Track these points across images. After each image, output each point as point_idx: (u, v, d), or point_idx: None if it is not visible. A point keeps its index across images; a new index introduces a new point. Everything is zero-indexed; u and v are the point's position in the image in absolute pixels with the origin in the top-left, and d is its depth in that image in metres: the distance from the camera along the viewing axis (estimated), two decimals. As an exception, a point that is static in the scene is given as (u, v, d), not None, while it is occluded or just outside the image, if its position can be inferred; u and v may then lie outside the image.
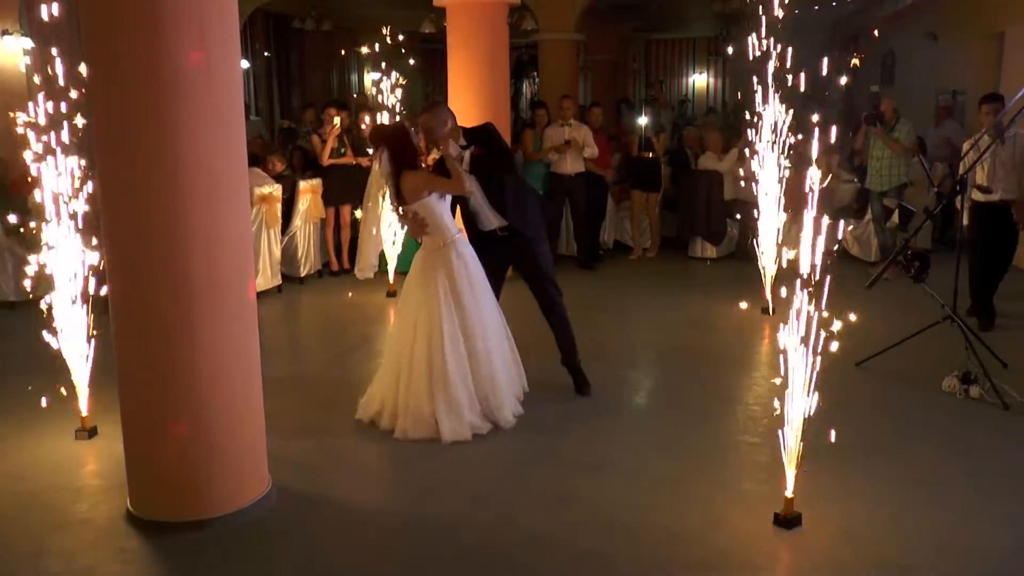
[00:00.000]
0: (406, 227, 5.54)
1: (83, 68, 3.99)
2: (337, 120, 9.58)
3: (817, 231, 3.74)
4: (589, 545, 3.87)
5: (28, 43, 10.11)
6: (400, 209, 5.19)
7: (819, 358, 3.80)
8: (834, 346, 3.88)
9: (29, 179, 5.03)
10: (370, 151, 9.06)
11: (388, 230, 8.62)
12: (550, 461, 4.78)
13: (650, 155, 10.50)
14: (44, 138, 4.79)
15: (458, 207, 5.47)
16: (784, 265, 3.85)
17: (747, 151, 7.88)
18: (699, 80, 24.33)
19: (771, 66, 6.63)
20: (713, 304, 8.24)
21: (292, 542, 3.94)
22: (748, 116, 7.52)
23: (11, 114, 4.81)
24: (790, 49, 3.94)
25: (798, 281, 3.77)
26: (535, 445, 4.97)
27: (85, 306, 5.04)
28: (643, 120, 10.71)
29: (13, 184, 8.99)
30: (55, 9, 4.58)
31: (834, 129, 3.94)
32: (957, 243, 6.08)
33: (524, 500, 4.32)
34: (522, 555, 3.81)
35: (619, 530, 3.99)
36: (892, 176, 9.15)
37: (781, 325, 3.89)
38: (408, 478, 4.70)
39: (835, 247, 3.82)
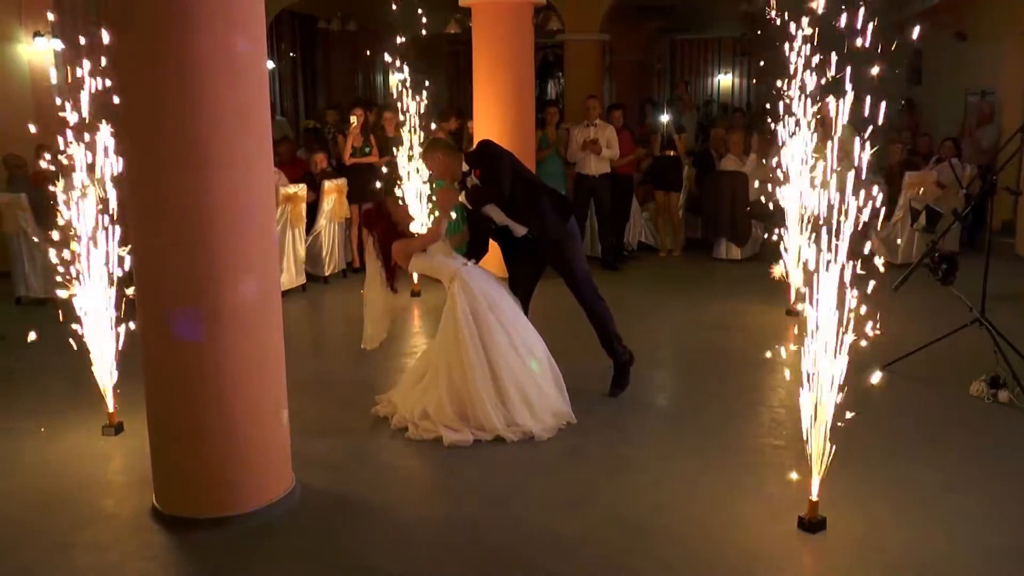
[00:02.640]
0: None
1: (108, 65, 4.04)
2: (354, 119, 9.67)
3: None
4: (610, 546, 3.86)
5: (59, 44, 10.27)
6: (392, 287, 5.52)
7: (847, 361, 3.77)
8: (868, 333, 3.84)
9: (51, 167, 5.10)
10: (394, 150, 9.14)
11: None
12: (573, 462, 4.77)
13: (671, 153, 10.48)
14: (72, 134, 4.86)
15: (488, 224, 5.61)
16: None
17: (770, 152, 7.83)
18: (724, 80, 24.19)
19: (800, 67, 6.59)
20: (737, 305, 8.19)
21: (315, 540, 3.96)
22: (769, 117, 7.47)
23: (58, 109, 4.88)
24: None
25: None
26: (558, 445, 4.96)
27: (112, 303, 5.10)
28: (664, 117, 10.69)
29: (33, 176, 9.12)
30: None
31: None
32: (987, 245, 5.99)
33: (546, 501, 4.31)
34: (543, 556, 3.80)
35: (641, 532, 3.98)
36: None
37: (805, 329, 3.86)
38: (431, 478, 4.71)
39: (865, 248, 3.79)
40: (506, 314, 5.21)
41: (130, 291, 4.64)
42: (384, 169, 9.60)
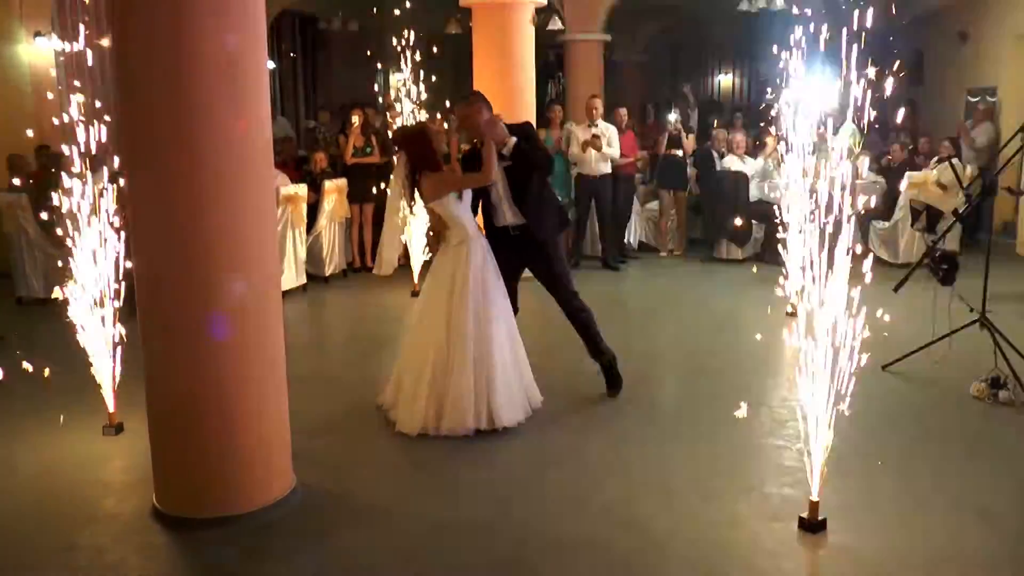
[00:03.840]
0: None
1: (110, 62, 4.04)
2: (355, 119, 9.69)
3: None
4: (610, 547, 3.86)
5: (59, 44, 10.28)
6: (411, 207, 5.31)
7: (847, 362, 3.77)
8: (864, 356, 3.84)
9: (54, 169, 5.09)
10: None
11: (415, 229, 8.70)
12: (574, 462, 4.76)
13: (678, 152, 10.49)
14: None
15: (480, 200, 5.45)
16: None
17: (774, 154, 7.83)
18: (724, 80, 24.18)
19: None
20: (738, 305, 8.19)
21: (316, 540, 3.96)
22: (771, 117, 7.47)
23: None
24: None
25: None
26: (559, 446, 4.96)
27: (111, 303, 5.10)
28: (673, 116, 10.70)
29: (33, 175, 9.13)
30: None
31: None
32: (988, 245, 6.00)
33: (548, 501, 4.32)
34: (543, 557, 3.80)
35: (642, 532, 3.97)
36: None
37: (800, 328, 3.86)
38: (432, 478, 4.70)
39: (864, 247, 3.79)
40: (491, 294, 5.15)
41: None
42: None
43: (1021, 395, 5.40)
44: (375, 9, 13.04)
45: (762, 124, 9.97)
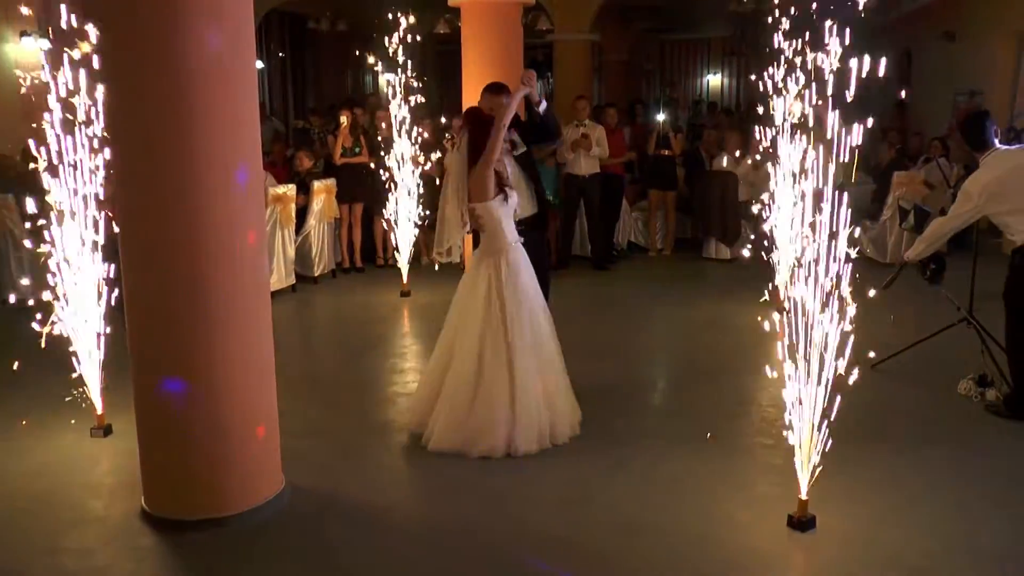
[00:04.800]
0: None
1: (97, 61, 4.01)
2: (344, 119, 9.68)
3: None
4: (603, 546, 3.86)
5: (46, 44, 10.22)
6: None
7: (836, 360, 3.78)
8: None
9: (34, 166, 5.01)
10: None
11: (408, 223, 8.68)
12: (566, 461, 4.76)
13: (666, 153, 10.51)
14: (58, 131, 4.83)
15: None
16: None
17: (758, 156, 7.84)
18: (713, 80, 24.26)
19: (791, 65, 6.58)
20: (727, 305, 8.21)
21: (306, 541, 3.95)
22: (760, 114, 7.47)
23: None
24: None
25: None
26: (554, 446, 4.95)
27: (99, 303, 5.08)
28: (661, 116, 10.72)
29: (21, 176, 9.07)
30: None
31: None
32: (974, 245, 6.04)
33: (540, 502, 4.31)
34: (537, 556, 3.80)
35: (633, 531, 3.98)
36: None
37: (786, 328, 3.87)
38: (423, 479, 4.70)
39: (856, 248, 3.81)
40: (527, 305, 4.87)
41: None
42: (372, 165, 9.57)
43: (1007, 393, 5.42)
44: (366, 9, 13.02)
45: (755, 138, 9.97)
